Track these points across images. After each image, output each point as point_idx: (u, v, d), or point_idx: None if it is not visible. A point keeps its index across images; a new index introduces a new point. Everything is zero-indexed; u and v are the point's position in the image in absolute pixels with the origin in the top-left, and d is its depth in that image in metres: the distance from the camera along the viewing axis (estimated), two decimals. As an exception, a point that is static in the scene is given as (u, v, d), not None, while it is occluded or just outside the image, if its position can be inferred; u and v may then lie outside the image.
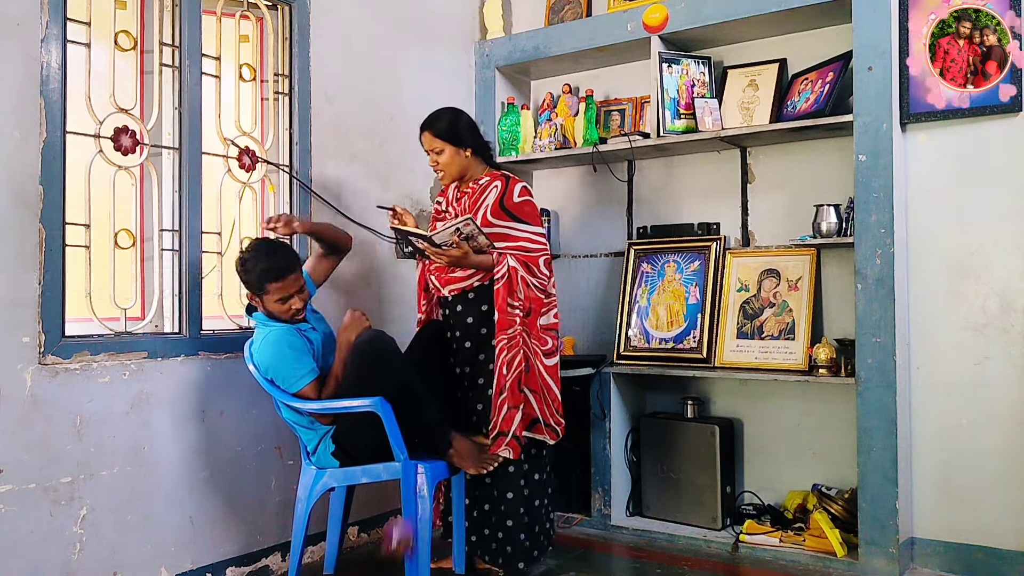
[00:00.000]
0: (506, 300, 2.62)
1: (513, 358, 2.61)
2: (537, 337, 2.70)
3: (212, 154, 2.82)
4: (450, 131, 2.77)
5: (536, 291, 2.70)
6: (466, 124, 2.82)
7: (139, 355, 2.52)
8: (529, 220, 2.75)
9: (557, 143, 3.67)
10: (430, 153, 2.80)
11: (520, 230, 2.73)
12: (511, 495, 2.69)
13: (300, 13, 3.07)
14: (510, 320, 2.62)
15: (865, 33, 2.90)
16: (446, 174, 2.81)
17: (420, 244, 2.65)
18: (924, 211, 2.97)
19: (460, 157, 2.78)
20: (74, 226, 2.42)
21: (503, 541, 2.69)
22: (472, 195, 2.80)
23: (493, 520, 2.71)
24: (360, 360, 2.46)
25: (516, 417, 2.59)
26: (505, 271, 2.63)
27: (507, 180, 2.79)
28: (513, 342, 2.61)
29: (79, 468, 2.36)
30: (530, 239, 2.73)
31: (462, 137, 2.78)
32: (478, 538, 2.74)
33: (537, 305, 2.70)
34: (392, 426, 2.41)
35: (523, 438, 2.63)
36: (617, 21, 3.48)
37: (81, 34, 2.46)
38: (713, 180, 3.53)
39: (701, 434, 3.30)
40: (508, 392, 2.59)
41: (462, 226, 2.56)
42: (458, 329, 2.78)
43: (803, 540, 3.02)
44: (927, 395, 2.94)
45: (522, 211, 2.75)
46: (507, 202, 2.74)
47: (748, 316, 3.31)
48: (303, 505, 2.58)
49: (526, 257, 2.69)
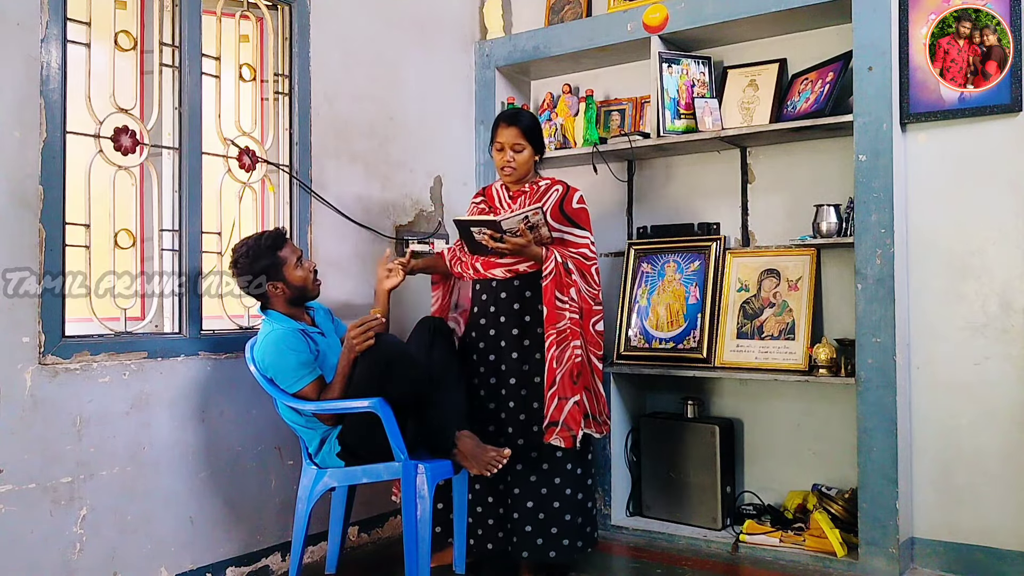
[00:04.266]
0: (554, 294, 2.66)
1: (563, 352, 2.64)
2: (591, 340, 2.76)
3: (212, 154, 2.82)
4: (537, 132, 2.85)
5: (587, 297, 2.75)
6: (542, 130, 2.91)
7: (139, 355, 2.52)
8: (585, 227, 2.82)
9: (557, 143, 3.68)
10: (507, 148, 2.80)
11: (577, 235, 2.80)
12: (569, 491, 2.72)
13: (300, 13, 3.07)
14: (559, 315, 2.65)
15: (865, 33, 2.90)
16: (515, 172, 2.83)
17: (480, 236, 2.62)
18: (924, 211, 2.97)
19: (532, 160, 2.85)
20: (74, 226, 2.42)
21: (559, 535, 2.69)
22: (531, 195, 2.84)
23: (543, 515, 2.69)
24: (369, 369, 2.46)
25: (566, 408, 2.61)
26: (553, 267, 2.66)
27: (567, 186, 2.86)
28: (563, 336, 2.64)
29: (79, 468, 2.36)
30: (588, 247, 2.80)
31: (541, 142, 2.89)
32: (521, 537, 2.70)
33: (588, 308, 2.75)
34: (392, 427, 2.41)
35: (579, 432, 2.64)
36: (617, 21, 3.48)
37: (81, 34, 2.45)
38: (713, 180, 3.53)
39: (701, 434, 3.30)
40: (559, 384, 2.62)
41: (531, 215, 2.59)
42: (503, 315, 2.78)
43: (803, 540, 3.02)
44: (927, 395, 2.94)
45: (579, 217, 2.82)
46: (567, 207, 2.80)
47: (748, 316, 3.31)
48: (303, 505, 2.58)
49: (582, 264, 2.76)
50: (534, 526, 2.70)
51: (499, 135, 2.83)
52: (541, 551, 2.69)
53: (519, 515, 2.72)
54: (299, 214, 3.04)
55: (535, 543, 2.69)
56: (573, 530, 2.73)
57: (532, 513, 2.70)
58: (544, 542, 2.69)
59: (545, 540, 2.69)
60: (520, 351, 2.76)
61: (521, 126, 2.81)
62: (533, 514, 2.70)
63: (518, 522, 2.72)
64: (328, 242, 3.14)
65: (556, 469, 2.72)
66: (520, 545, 2.71)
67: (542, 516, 2.69)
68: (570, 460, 2.73)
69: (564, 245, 2.77)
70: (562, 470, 2.72)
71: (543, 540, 2.69)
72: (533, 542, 2.70)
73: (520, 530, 2.71)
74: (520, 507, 2.71)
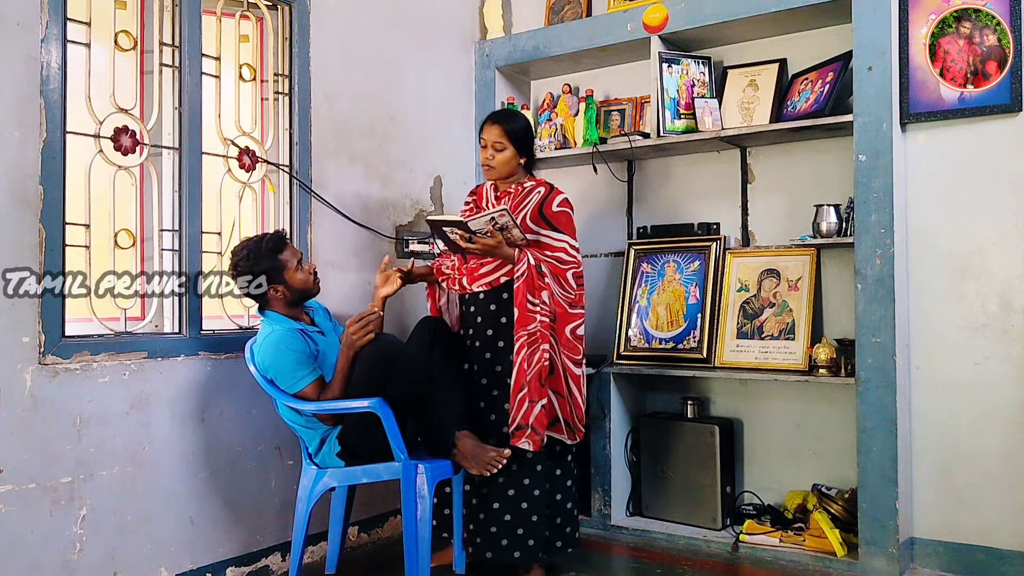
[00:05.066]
0: (525, 297, 2.64)
1: (533, 354, 2.62)
2: (567, 344, 2.74)
3: (212, 154, 2.82)
4: (520, 135, 2.84)
5: (562, 301, 2.73)
6: (531, 135, 2.90)
7: (139, 355, 2.52)
8: (564, 229, 2.78)
9: (557, 143, 3.68)
10: (488, 146, 2.81)
11: (555, 238, 2.76)
12: (538, 492, 2.69)
13: (300, 13, 3.07)
14: (529, 317, 2.64)
15: (865, 33, 2.90)
16: (495, 171, 2.84)
17: (453, 235, 2.64)
18: (924, 211, 2.97)
19: (514, 161, 2.84)
20: (74, 226, 2.42)
21: (524, 536, 2.67)
22: (515, 197, 2.84)
23: (509, 517, 2.68)
24: (369, 369, 2.46)
25: (534, 411, 2.60)
26: (524, 268, 2.65)
27: (551, 188, 2.84)
28: (533, 339, 2.63)
29: (79, 468, 2.36)
30: (566, 250, 2.76)
31: (526, 145, 2.87)
32: (485, 537, 2.69)
33: (562, 311, 2.73)
34: (392, 427, 2.41)
35: (545, 435, 2.63)
36: (617, 21, 3.48)
37: (81, 34, 2.45)
38: (713, 180, 3.53)
39: (701, 434, 3.30)
40: (528, 387, 2.60)
41: (497, 216, 2.59)
42: (489, 328, 2.78)
43: (803, 540, 3.02)
44: (927, 395, 2.94)
45: (558, 220, 2.78)
46: (546, 209, 2.78)
47: (748, 316, 3.31)
48: (303, 505, 2.58)
49: (557, 268, 2.73)
50: (499, 527, 2.68)
51: (484, 131, 2.84)
52: (505, 552, 2.68)
53: (485, 516, 2.71)
54: (299, 214, 3.04)
55: (499, 543, 2.68)
56: (544, 531, 2.71)
57: (498, 514, 2.69)
58: (509, 543, 2.67)
59: (510, 541, 2.67)
60: (493, 351, 2.76)
61: (505, 126, 2.80)
62: (499, 515, 2.69)
63: (484, 522, 2.71)
64: (328, 242, 3.14)
65: (526, 470, 2.69)
66: (484, 546, 2.70)
67: (508, 517, 2.68)
68: (541, 462, 2.71)
69: (540, 248, 2.74)
70: (532, 471, 2.69)
71: (508, 541, 2.67)
72: (498, 542, 2.68)
73: (486, 531, 2.70)
74: (487, 508, 2.70)
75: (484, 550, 2.70)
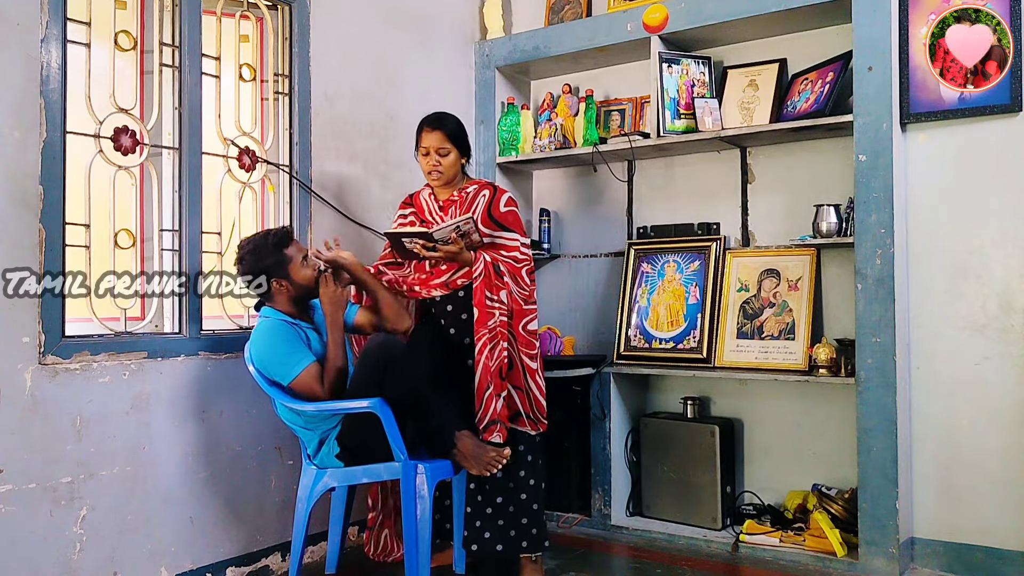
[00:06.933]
0: (484, 295, 2.67)
1: (494, 349, 2.65)
2: (523, 340, 2.77)
3: (212, 154, 2.82)
4: (460, 135, 2.84)
5: (519, 299, 2.76)
6: (466, 132, 2.90)
7: (139, 355, 2.52)
8: (514, 228, 2.82)
9: (557, 143, 3.67)
10: (432, 153, 2.81)
11: (507, 238, 2.80)
12: (533, 481, 2.75)
13: (300, 13, 3.07)
14: (489, 314, 2.67)
15: (865, 33, 2.90)
16: (443, 176, 2.83)
17: (411, 245, 2.67)
18: (924, 211, 2.97)
19: (459, 163, 2.85)
20: (74, 226, 2.42)
21: (528, 525, 2.72)
22: (461, 203, 2.85)
23: (512, 508, 2.72)
24: (368, 369, 2.46)
25: (498, 405, 2.64)
26: (482, 268, 2.69)
27: (495, 189, 2.87)
28: (493, 335, 2.66)
29: (79, 468, 2.36)
30: (519, 249, 2.80)
31: (466, 144, 2.87)
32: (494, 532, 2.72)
33: (518, 308, 2.76)
34: (392, 427, 2.41)
35: (508, 427, 2.67)
36: (617, 21, 3.48)
37: (81, 34, 2.45)
38: (713, 180, 3.53)
39: (701, 434, 3.30)
40: (493, 384, 2.64)
41: (462, 224, 2.63)
42: (452, 327, 2.81)
43: (803, 540, 3.02)
44: (927, 395, 2.94)
45: (507, 219, 2.82)
46: (494, 211, 2.82)
47: (748, 316, 3.31)
48: (303, 505, 2.58)
49: (512, 267, 2.76)
50: (482, 520, 2.72)
51: (423, 139, 2.82)
52: (488, 545, 2.72)
53: (492, 511, 2.74)
54: (299, 214, 3.05)
55: (508, 535, 2.72)
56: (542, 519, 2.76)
57: (502, 508, 2.73)
58: (516, 534, 2.72)
59: (493, 534, 2.72)
60: (460, 348, 2.78)
61: (445, 130, 2.80)
62: (503, 509, 2.73)
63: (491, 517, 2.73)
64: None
65: (521, 464, 2.74)
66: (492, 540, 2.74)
67: (489, 511, 2.72)
68: (531, 453, 2.76)
69: (496, 248, 2.77)
70: (526, 463, 2.74)
71: (490, 534, 2.72)
72: (506, 535, 2.73)
73: (493, 525, 2.74)
74: (492, 503, 2.73)
75: (494, 544, 2.72)
